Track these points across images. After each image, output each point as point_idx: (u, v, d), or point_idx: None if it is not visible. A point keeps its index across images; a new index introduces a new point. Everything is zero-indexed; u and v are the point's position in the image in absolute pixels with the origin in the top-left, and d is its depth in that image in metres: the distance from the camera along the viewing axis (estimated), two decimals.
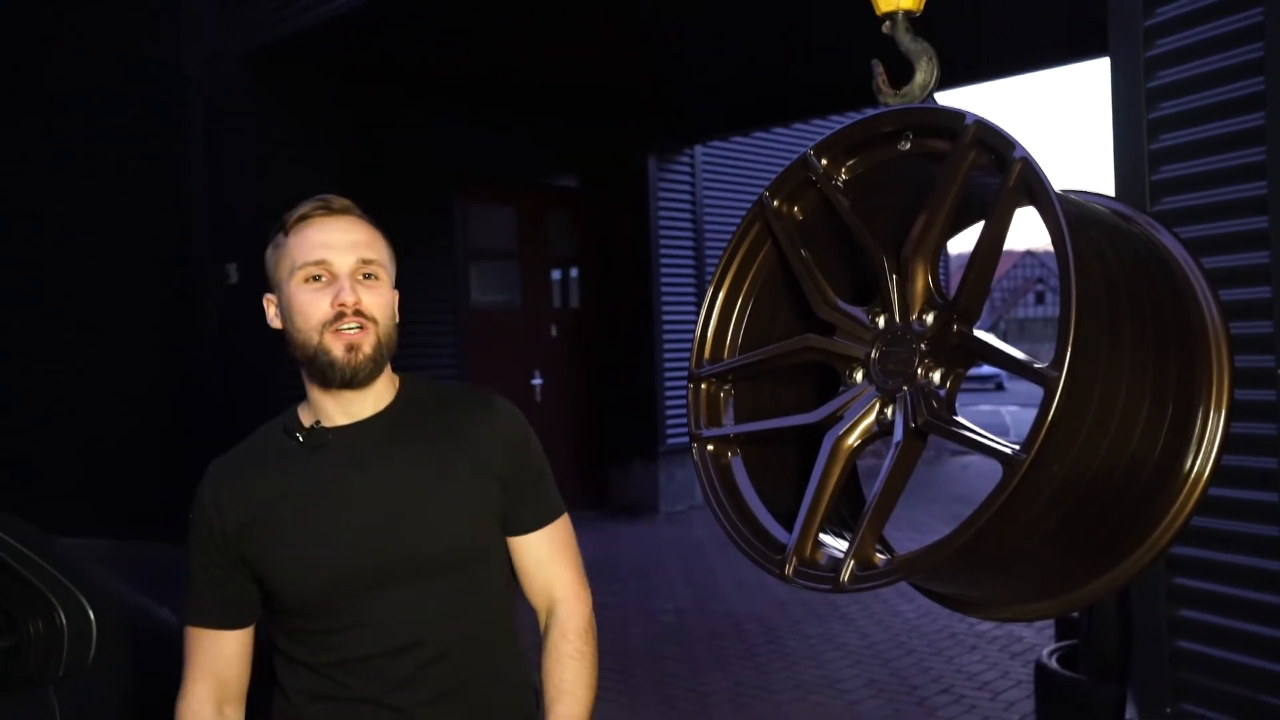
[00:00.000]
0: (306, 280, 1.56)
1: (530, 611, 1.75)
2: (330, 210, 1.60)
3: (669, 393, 9.83)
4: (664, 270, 9.97)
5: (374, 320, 1.57)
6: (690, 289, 10.21)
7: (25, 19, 6.68)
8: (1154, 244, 1.22)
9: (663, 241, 9.96)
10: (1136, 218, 1.26)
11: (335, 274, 1.56)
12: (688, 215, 10.23)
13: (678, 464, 9.81)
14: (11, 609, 2.25)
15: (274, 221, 1.64)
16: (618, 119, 9.39)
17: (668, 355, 9.86)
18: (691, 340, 1.40)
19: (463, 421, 1.67)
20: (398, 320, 1.64)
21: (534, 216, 9.67)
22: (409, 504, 1.60)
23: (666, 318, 9.92)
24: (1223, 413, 1.15)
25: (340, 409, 1.61)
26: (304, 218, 1.59)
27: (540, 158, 9.52)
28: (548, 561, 1.71)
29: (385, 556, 1.57)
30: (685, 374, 1.35)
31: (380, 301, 1.58)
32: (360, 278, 1.57)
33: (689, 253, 10.22)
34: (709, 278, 10.51)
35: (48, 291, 6.73)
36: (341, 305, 1.54)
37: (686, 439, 1.41)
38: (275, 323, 1.63)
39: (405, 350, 1.64)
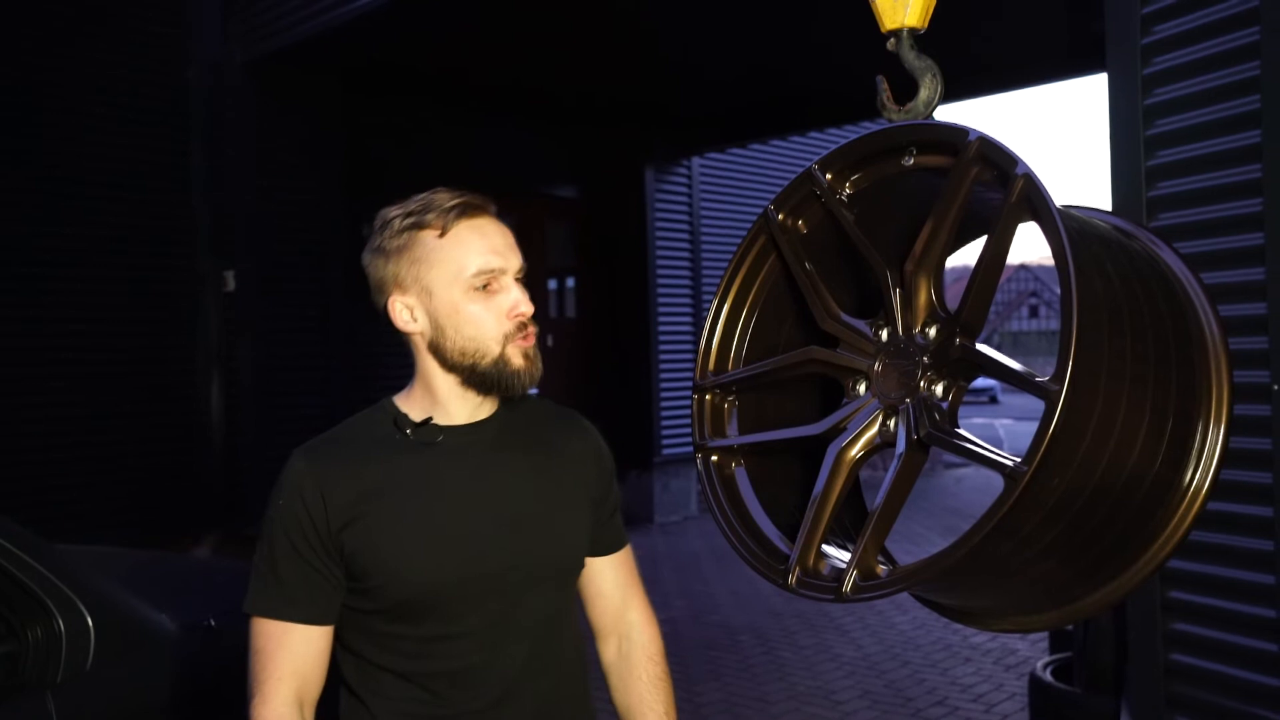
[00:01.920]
0: (477, 289, 1.49)
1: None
2: (485, 211, 1.52)
3: (665, 403, 9.83)
4: (660, 281, 9.99)
5: (535, 326, 1.54)
6: (687, 300, 10.22)
7: (27, 26, 6.69)
8: (1154, 259, 1.23)
9: (659, 253, 9.98)
10: (1137, 233, 1.27)
11: (505, 282, 1.51)
12: (685, 227, 10.25)
13: (673, 474, 9.80)
14: (9, 615, 2.24)
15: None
16: (615, 129, 9.41)
17: (664, 366, 9.86)
18: (688, 351, 1.41)
19: (559, 437, 1.65)
20: None
21: (531, 226, 9.68)
22: (525, 513, 1.54)
23: (663, 329, 9.92)
24: (1222, 427, 1.15)
25: (467, 409, 1.54)
26: (461, 216, 1.49)
27: (538, 167, 9.55)
28: (625, 584, 1.71)
29: (499, 564, 1.50)
30: (681, 385, 1.36)
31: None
32: (517, 281, 1.53)
33: (685, 264, 10.24)
34: (705, 289, 10.44)
35: (48, 297, 6.73)
36: (522, 315, 1.50)
37: (682, 450, 1.41)
38: (408, 326, 1.52)
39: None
